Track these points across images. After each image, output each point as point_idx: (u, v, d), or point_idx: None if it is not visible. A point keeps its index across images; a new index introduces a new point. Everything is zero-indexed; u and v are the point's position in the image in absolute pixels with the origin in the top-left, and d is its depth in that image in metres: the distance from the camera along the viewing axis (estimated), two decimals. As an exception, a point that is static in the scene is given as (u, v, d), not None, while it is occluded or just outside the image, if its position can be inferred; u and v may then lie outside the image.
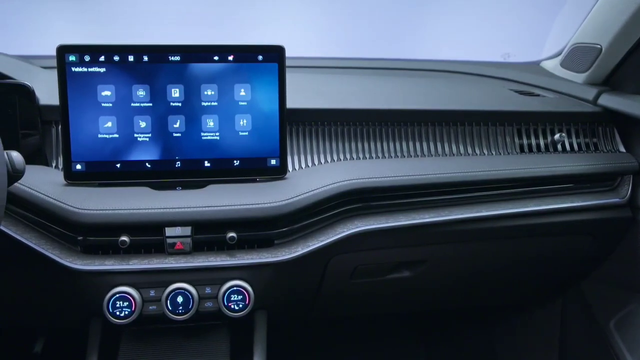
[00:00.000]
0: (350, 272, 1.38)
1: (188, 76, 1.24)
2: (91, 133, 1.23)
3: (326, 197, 1.24)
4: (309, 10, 2.07)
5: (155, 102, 1.24)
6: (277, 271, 1.23)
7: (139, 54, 1.23)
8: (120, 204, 1.17)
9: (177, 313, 1.18)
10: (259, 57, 1.26)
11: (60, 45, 1.20)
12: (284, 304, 1.39)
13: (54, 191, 1.17)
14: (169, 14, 1.98)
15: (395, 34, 2.08)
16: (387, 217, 1.30)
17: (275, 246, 1.23)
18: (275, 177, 1.30)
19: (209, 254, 1.20)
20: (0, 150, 0.94)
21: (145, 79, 1.23)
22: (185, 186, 1.26)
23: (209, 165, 1.28)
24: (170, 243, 1.18)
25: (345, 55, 1.84)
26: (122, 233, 1.16)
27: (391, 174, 1.31)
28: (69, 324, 1.44)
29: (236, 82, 1.26)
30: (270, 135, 1.28)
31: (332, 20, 2.06)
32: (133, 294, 1.16)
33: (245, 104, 1.27)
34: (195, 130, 1.26)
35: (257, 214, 1.19)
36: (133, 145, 1.25)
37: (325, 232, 1.26)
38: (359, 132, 1.43)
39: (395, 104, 1.46)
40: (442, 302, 1.72)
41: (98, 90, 1.22)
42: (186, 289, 1.18)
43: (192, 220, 1.18)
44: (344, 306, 1.57)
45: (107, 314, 1.16)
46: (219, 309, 1.20)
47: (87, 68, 1.21)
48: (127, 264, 1.16)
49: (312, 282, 1.36)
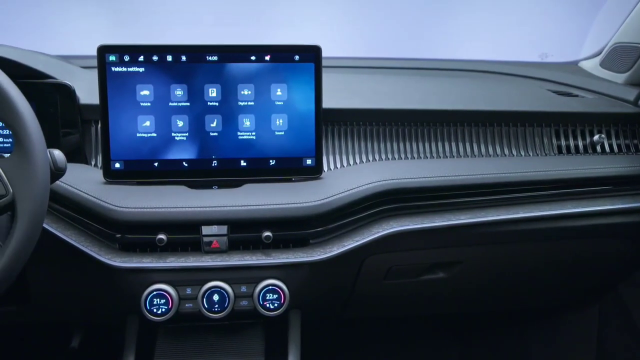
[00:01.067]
0: (384, 272, 1.37)
1: (225, 76, 1.25)
2: (130, 132, 1.25)
3: (361, 197, 1.24)
4: (334, 10, 2.07)
5: (192, 101, 1.26)
6: (312, 271, 1.23)
7: (177, 54, 1.24)
8: (157, 202, 1.18)
9: (213, 311, 1.19)
10: (296, 57, 1.26)
11: (101, 46, 1.22)
12: (317, 303, 1.39)
13: (93, 189, 1.19)
14: (187, 14, 1.99)
15: (429, 34, 2.06)
16: (422, 218, 1.29)
17: (310, 246, 1.23)
18: (311, 176, 1.30)
19: (245, 253, 1.21)
20: (44, 148, 0.96)
21: (183, 78, 1.25)
22: (221, 185, 1.27)
23: (245, 164, 1.28)
24: (206, 241, 1.19)
25: (378, 55, 1.83)
26: (160, 231, 1.17)
27: (427, 175, 1.30)
28: (106, 319, 1.47)
29: (273, 81, 1.26)
30: (306, 135, 1.29)
31: (360, 19, 2.06)
32: (170, 291, 1.17)
33: (281, 103, 1.27)
34: (232, 129, 1.27)
35: (292, 213, 1.20)
36: (170, 144, 1.26)
37: (360, 232, 1.26)
38: (394, 132, 1.42)
39: (431, 104, 1.45)
40: (476, 304, 1.70)
41: (137, 90, 1.24)
42: (222, 287, 1.19)
43: (229, 219, 1.19)
44: (377, 307, 1.56)
45: (144, 311, 1.17)
46: (254, 307, 1.20)
47: (126, 68, 1.23)
48: (164, 262, 1.18)
49: (346, 282, 1.36)
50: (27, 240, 0.93)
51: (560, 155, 1.45)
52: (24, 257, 0.93)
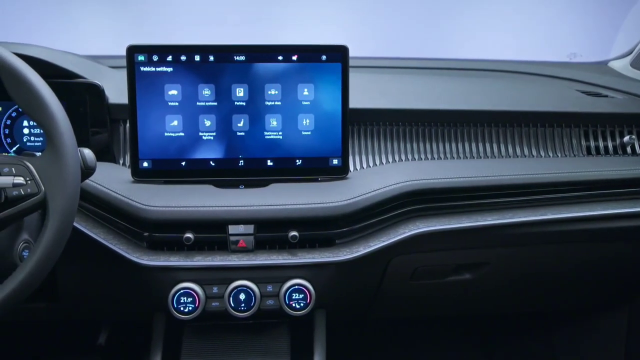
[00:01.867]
0: (410, 273, 1.37)
1: (252, 76, 1.26)
2: (158, 131, 1.26)
3: (388, 198, 1.24)
4: (359, 8, 2.06)
5: (220, 101, 1.26)
6: (338, 271, 1.23)
7: (205, 54, 1.25)
8: (185, 201, 1.19)
9: (240, 310, 1.19)
10: (323, 56, 1.26)
11: (130, 45, 1.23)
12: (343, 303, 1.39)
13: (122, 188, 1.20)
14: (196, 15, 2.00)
15: (453, 34, 2.05)
16: (449, 219, 1.28)
17: (336, 246, 1.23)
18: (337, 176, 1.30)
19: (271, 252, 1.21)
20: (75, 147, 0.97)
21: (210, 78, 1.25)
22: (247, 184, 1.27)
23: (271, 164, 1.29)
24: (233, 241, 1.19)
25: (403, 55, 1.83)
26: (187, 230, 1.18)
27: (454, 175, 1.29)
28: (133, 317, 1.48)
29: (300, 81, 1.27)
30: (332, 134, 1.29)
31: (384, 19, 2.05)
32: (197, 290, 1.18)
33: (308, 103, 1.27)
34: (259, 129, 1.28)
35: (319, 213, 1.20)
36: (198, 143, 1.27)
37: (387, 232, 1.26)
38: (421, 132, 1.42)
39: (458, 104, 1.44)
40: (503, 306, 1.69)
41: (165, 90, 1.25)
42: (248, 287, 1.19)
43: (255, 219, 1.19)
44: (402, 307, 1.56)
45: (171, 310, 1.18)
46: (280, 307, 1.21)
47: (155, 68, 1.24)
48: (192, 260, 1.18)
49: (371, 282, 1.36)
50: (58, 238, 0.94)
51: (589, 157, 1.44)
52: (55, 254, 0.95)
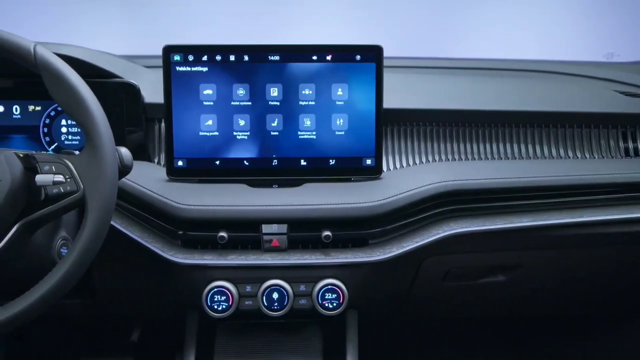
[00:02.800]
0: (442, 274, 1.36)
1: (287, 75, 1.26)
2: (193, 131, 1.27)
3: (422, 198, 1.23)
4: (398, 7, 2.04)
5: (254, 101, 1.27)
6: (370, 271, 1.23)
7: (240, 54, 1.25)
8: (219, 200, 1.20)
9: (273, 309, 1.20)
10: (357, 56, 1.26)
11: (166, 46, 1.24)
12: (374, 304, 1.39)
13: (157, 187, 1.22)
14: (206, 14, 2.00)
15: (487, 34, 2.03)
16: (483, 220, 1.27)
17: (369, 246, 1.23)
18: (371, 176, 1.30)
19: (304, 252, 1.21)
20: (113, 146, 0.99)
21: (245, 78, 1.26)
22: (281, 184, 1.28)
23: (305, 163, 1.29)
24: (266, 240, 1.20)
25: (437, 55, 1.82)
26: (221, 229, 1.19)
27: (488, 176, 1.28)
28: (166, 314, 1.49)
29: (334, 81, 1.27)
30: (366, 135, 1.28)
31: (417, 18, 2.03)
32: (230, 288, 1.19)
33: (342, 103, 1.28)
34: (293, 129, 1.28)
35: (352, 213, 1.20)
36: (232, 143, 1.28)
37: (420, 233, 1.25)
38: (454, 133, 1.41)
39: (493, 105, 1.43)
40: (536, 309, 1.67)
41: (200, 89, 1.26)
42: (281, 286, 1.19)
43: (288, 218, 1.20)
44: (434, 309, 1.55)
45: (205, 308, 1.19)
46: (313, 306, 1.21)
47: (190, 67, 1.25)
48: (225, 259, 1.19)
49: (404, 283, 1.35)
50: (96, 235, 0.95)
51: (627, 158, 1.41)
52: (94, 251, 0.96)
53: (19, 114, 1.32)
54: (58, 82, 0.97)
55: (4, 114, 1.32)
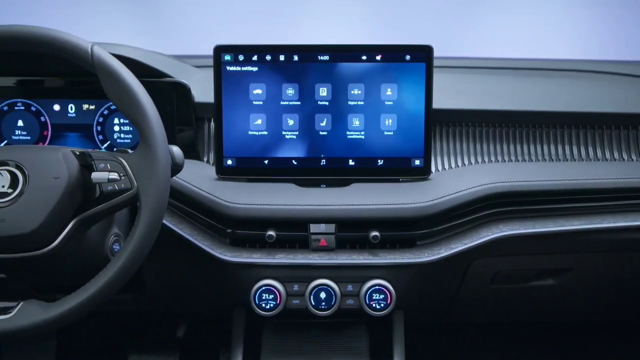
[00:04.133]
0: (490, 277, 1.34)
1: (336, 75, 1.27)
2: (242, 130, 1.28)
3: (471, 200, 1.22)
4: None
5: (303, 100, 1.27)
6: (418, 272, 1.22)
7: (290, 54, 1.26)
8: (267, 199, 1.21)
9: (320, 308, 1.20)
10: (407, 56, 1.26)
11: (217, 46, 1.26)
12: (421, 305, 1.38)
13: (206, 185, 1.23)
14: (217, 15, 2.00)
15: (530, 33, 1.99)
16: (533, 222, 1.25)
17: (417, 247, 1.22)
18: (419, 177, 1.29)
19: (352, 252, 1.21)
20: (166, 145, 1.00)
21: (294, 77, 1.27)
22: (329, 184, 1.28)
23: (353, 163, 1.29)
24: (314, 239, 1.20)
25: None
26: (269, 228, 1.19)
27: (538, 178, 1.26)
28: (213, 312, 1.51)
29: (383, 81, 1.27)
30: (415, 135, 1.28)
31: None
32: (278, 287, 1.19)
33: (391, 103, 1.27)
34: (341, 128, 1.28)
35: (401, 214, 1.19)
36: (281, 142, 1.29)
37: (469, 235, 1.24)
38: (504, 134, 1.40)
39: (542, 105, 1.41)
40: (586, 314, 1.64)
41: (250, 89, 1.27)
42: (329, 285, 1.19)
43: (337, 218, 1.20)
44: (481, 311, 1.53)
45: (253, 306, 1.19)
46: (360, 306, 1.21)
47: (240, 67, 1.26)
48: (274, 258, 1.20)
49: (451, 285, 1.34)
50: (149, 233, 0.97)
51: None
52: (147, 248, 0.97)
53: (74, 112, 1.35)
54: (114, 81, 0.99)
55: (60, 113, 1.35)
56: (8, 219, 0.94)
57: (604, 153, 1.39)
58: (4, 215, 0.94)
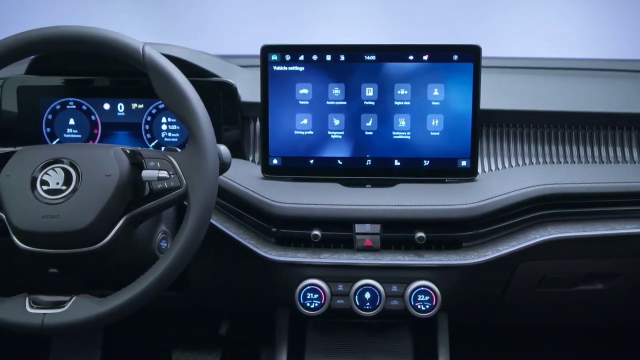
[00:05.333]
0: (537, 280, 1.32)
1: (382, 75, 1.26)
2: (288, 129, 1.29)
3: (519, 202, 1.20)
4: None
5: (349, 100, 1.27)
6: (464, 274, 1.21)
7: (336, 54, 1.26)
8: (313, 199, 1.21)
9: (364, 309, 1.19)
10: (454, 56, 1.25)
11: (265, 45, 1.27)
12: (466, 307, 1.37)
13: (252, 184, 1.24)
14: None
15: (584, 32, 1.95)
16: (583, 226, 1.23)
17: (463, 248, 1.21)
18: (465, 178, 1.28)
19: (397, 253, 1.20)
20: (215, 144, 1.01)
21: (340, 77, 1.27)
22: (374, 184, 1.28)
23: (398, 164, 1.29)
24: (359, 239, 1.20)
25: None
26: (314, 227, 1.20)
27: (588, 180, 1.24)
28: (256, 310, 1.52)
29: (430, 81, 1.26)
30: (461, 136, 1.27)
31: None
32: (323, 286, 1.19)
33: (438, 103, 1.26)
34: (387, 129, 1.28)
35: (447, 215, 1.18)
36: (326, 142, 1.29)
37: (516, 237, 1.22)
38: (553, 135, 1.37)
39: (593, 106, 1.38)
40: (635, 320, 1.60)
41: (296, 89, 1.28)
42: (374, 286, 1.19)
43: (382, 218, 1.19)
44: (527, 315, 1.51)
45: (298, 305, 1.20)
46: (405, 307, 1.20)
47: (287, 67, 1.27)
48: (318, 257, 1.20)
49: (497, 287, 1.33)
50: (198, 230, 0.98)
51: None
52: (195, 246, 0.99)
53: (123, 111, 1.37)
54: (164, 81, 1.00)
55: (110, 112, 1.37)
56: (62, 215, 0.96)
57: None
58: (58, 212, 0.96)
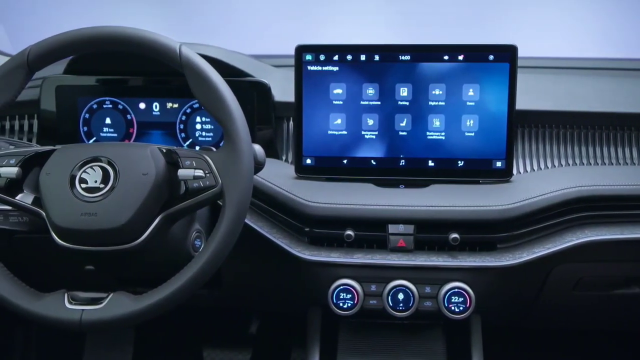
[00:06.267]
0: (573, 283, 1.30)
1: (417, 75, 1.26)
2: (322, 129, 1.29)
3: (555, 203, 1.19)
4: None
5: (383, 100, 1.27)
6: (498, 276, 1.20)
7: (371, 54, 1.26)
8: (346, 198, 1.21)
9: (398, 309, 1.19)
10: (490, 56, 1.24)
11: (299, 45, 1.27)
12: (499, 309, 1.35)
13: (285, 183, 1.24)
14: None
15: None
16: (621, 228, 1.21)
17: (498, 250, 1.20)
18: (500, 179, 1.27)
19: (431, 254, 1.20)
20: (250, 143, 1.02)
21: (375, 77, 1.27)
22: (408, 184, 1.27)
23: (432, 164, 1.28)
24: (392, 240, 1.19)
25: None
26: (348, 227, 1.19)
27: (626, 182, 1.22)
28: (288, 309, 1.52)
29: (465, 82, 1.25)
30: (496, 136, 1.26)
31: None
32: (356, 287, 1.19)
33: (472, 104, 1.26)
34: (421, 129, 1.27)
35: (482, 216, 1.17)
36: (360, 142, 1.29)
37: (552, 239, 1.21)
38: (590, 136, 1.35)
39: (631, 107, 1.36)
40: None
41: (330, 88, 1.28)
42: (407, 287, 1.18)
43: (416, 219, 1.19)
44: (562, 318, 1.49)
45: (331, 305, 1.20)
46: (438, 309, 1.19)
47: (321, 67, 1.27)
48: (352, 257, 1.20)
49: (531, 289, 1.31)
50: (233, 229, 0.98)
51: None
52: (230, 245, 0.99)
53: (158, 110, 1.39)
54: (201, 81, 1.01)
55: (145, 111, 1.39)
56: (100, 213, 0.97)
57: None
58: (96, 210, 0.97)
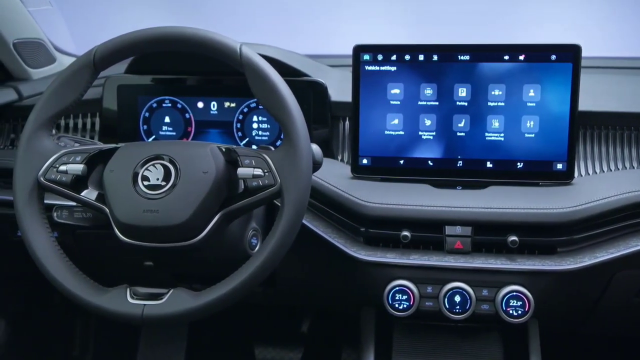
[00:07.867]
0: (636, 290, 1.27)
1: (476, 75, 1.24)
2: (378, 129, 1.29)
3: (619, 207, 1.16)
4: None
5: (441, 101, 1.26)
6: (558, 280, 1.17)
7: (429, 53, 1.25)
8: (402, 199, 1.20)
9: (454, 312, 1.18)
10: (552, 56, 1.21)
11: (357, 45, 1.27)
12: (558, 314, 1.32)
13: (342, 183, 1.24)
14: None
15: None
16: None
17: (558, 254, 1.17)
18: (561, 182, 1.24)
19: (488, 256, 1.18)
20: (309, 143, 1.02)
21: (433, 77, 1.26)
22: (465, 186, 1.26)
23: (491, 166, 1.26)
24: (449, 241, 1.18)
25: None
26: (404, 228, 1.19)
27: None
28: (341, 308, 1.52)
29: (525, 82, 1.23)
30: (558, 138, 1.23)
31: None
32: (412, 288, 1.18)
33: (533, 105, 1.23)
34: (480, 130, 1.25)
35: (542, 219, 1.15)
36: (417, 142, 1.28)
37: (615, 244, 1.17)
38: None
39: None
40: None
41: (388, 88, 1.27)
42: (464, 289, 1.17)
43: (473, 221, 1.17)
44: (623, 325, 1.45)
45: (386, 305, 1.19)
46: (495, 312, 1.17)
47: (379, 67, 1.27)
48: (408, 258, 1.19)
49: (591, 295, 1.28)
50: (291, 228, 0.99)
51: None
52: (288, 243, 0.99)
53: (216, 110, 1.40)
54: (261, 80, 1.02)
55: (203, 110, 1.41)
56: (162, 210, 0.99)
57: None
58: (157, 207, 0.99)
